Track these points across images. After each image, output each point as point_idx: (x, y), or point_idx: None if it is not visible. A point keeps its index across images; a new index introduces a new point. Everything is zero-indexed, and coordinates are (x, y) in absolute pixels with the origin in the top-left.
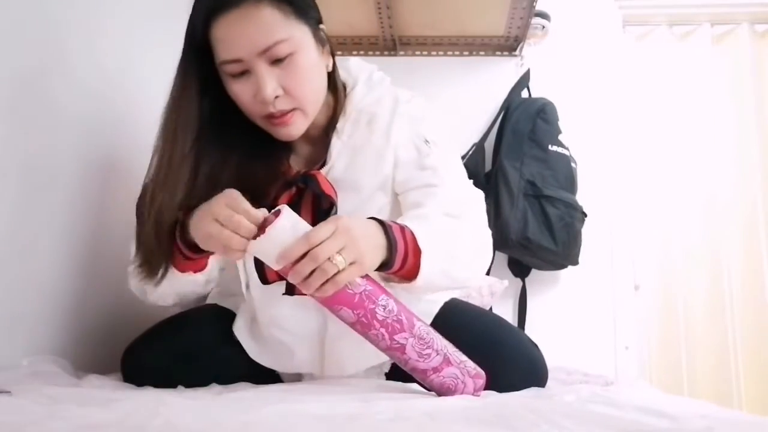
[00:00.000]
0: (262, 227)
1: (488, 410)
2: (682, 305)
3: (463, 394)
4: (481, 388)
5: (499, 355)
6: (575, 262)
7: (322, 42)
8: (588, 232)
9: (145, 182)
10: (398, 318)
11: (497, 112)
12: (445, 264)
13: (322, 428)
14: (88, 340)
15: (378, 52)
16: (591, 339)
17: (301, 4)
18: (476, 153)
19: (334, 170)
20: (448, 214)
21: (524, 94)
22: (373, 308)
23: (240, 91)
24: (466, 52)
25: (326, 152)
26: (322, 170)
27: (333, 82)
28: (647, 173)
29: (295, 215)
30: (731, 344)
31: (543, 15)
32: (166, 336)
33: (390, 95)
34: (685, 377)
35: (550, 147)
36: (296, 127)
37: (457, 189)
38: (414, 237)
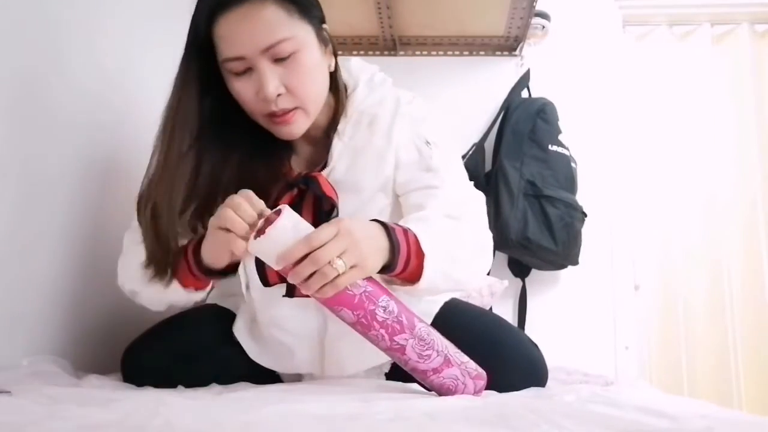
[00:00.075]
0: (263, 227)
1: (488, 410)
2: (682, 305)
3: (464, 394)
4: (482, 389)
5: (499, 355)
6: (575, 262)
7: (325, 42)
8: (588, 232)
9: (144, 180)
10: (398, 319)
11: (497, 112)
12: (447, 266)
13: (322, 428)
14: (88, 340)
15: (378, 52)
16: (591, 339)
17: (305, 3)
18: (476, 153)
19: (335, 172)
20: (449, 216)
21: (524, 94)
22: (373, 309)
23: (242, 89)
24: (466, 52)
25: (327, 153)
26: (323, 172)
27: (335, 83)
28: (647, 173)
29: (296, 215)
30: (731, 344)
31: (543, 15)
32: (166, 336)
33: (391, 97)
34: (685, 377)
35: (550, 147)
36: (298, 126)
37: (458, 190)
38: (417, 240)
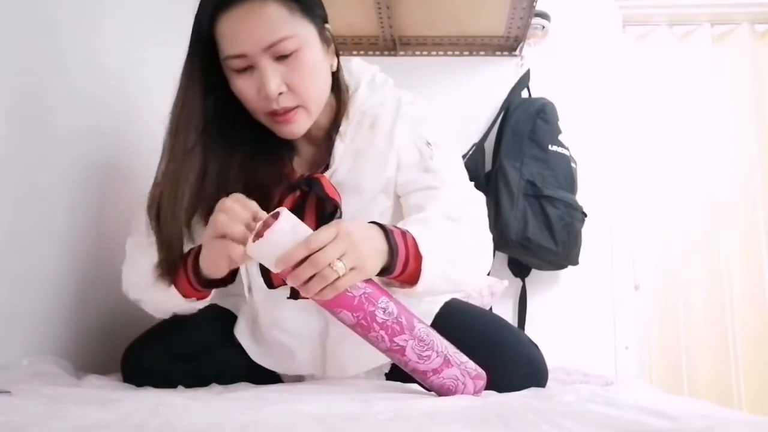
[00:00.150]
0: (262, 230)
1: (488, 410)
2: (682, 305)
3: (464, 394)
4: (482, 389)
5: (498, 355)
6: (575, 262)
7: (327, 41)
8: (588, 232)
9: (154, 180)
10: (398, 320)
11: (497, 112)
12: (445, 268)
13: (322, 428)
14: (88, 340)
15: (378, 52)
16: (591, 339)
17: (308, 1)
18: (476, 153)
19: (338, 173)
20: (449, 217)
21: (524, 94)
22: (373, 311)
23: (243, 87)
24: (466, 52)
25: (329, 155)
26: (326, 173)
27: (336, 83)
28: (647, 173)
29: (294, 218)
30: (731, 344)
31: (543, 15)
32: (166, 336)
33: (393, 98)
34: (685, 377)
35: (550, 147)
36: (299, 125)
37: (458, 191)
38: (415, 242)
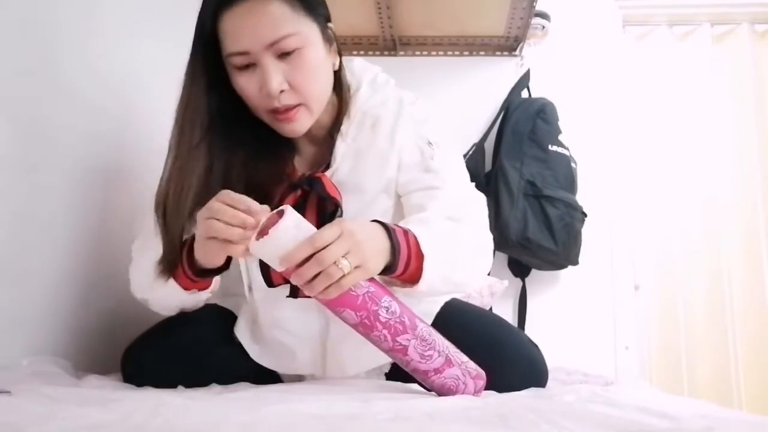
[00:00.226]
0: (265, 228)
1: (488, 410)
2: (682, 305)
3: (464, 394)
4: (482, 389)
5: (498, 355)
6: (575, 262)
7: (330, 40)
8: (588, 232)
9: (161, 178)
10: (401, 319)
11: (497, 112)
12: (446, 268)
13: (322, 428)
14: (88, 340)
15: (378, 52)
16: (591, 339)
17: (311, 0)
18: (476, 153)
19: (339, 173)
20: (450, 218)
21: (524, 94)
22: (376, 310)
23: (245, 85)
24: (466, 52)
25: (330, 154)
26: (327, 173)
27: (338, 82)
28: (647, 173)
29: (299, 216)
30: (731, 344)
31: (543, 15)
32: (166, 336)
33: (394, 98)
34: (685, 377)
35: (550, 147)
36: (300, 123)
37: (459, 192)
38: (417, 241)
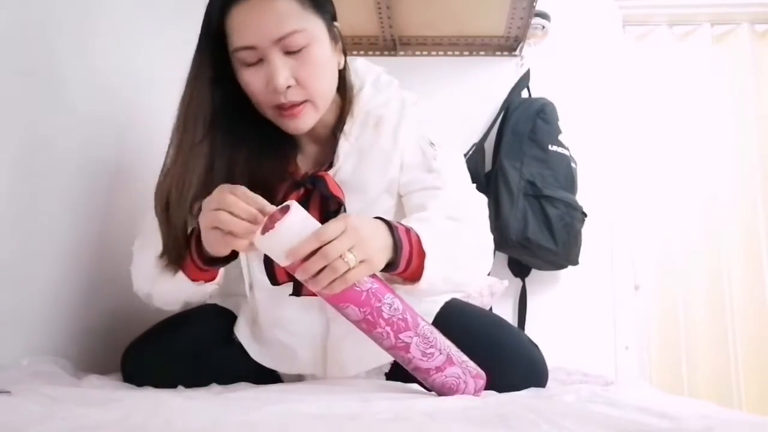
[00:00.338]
0: (271, 223)
1: (488, 410)
2: (682, 305)
3: (464, 394)
4: (482, 389)
5: (499, 355)
6: (575, 262)
7: (336, 38)
8: (588, 232)
9: (161, 172)
10: (403, 317)
11: (497, 112)
12: (447, 267)
13: (322, 428)
14: (88, 340)
15: (378, 52)
16: (591, 339)
17: None
18: (476, 153)
19: (342, 172)
20: (450, 218)
21: (524, 94)
22: (380, 306)
23: (251, 80)
24: (466, 52)
25: (333, 153)
26: (330, 171)
27: (343, 81)
28: (647, 173)
29: (304, 211)
30: (731, 344)
31: (543, 15)
32: (166, 336)
33: (397, 98)
34: (685, 377)
35: (550, 147)
36: (305, 120)
37: (460, 192)
38: (419, 239)
